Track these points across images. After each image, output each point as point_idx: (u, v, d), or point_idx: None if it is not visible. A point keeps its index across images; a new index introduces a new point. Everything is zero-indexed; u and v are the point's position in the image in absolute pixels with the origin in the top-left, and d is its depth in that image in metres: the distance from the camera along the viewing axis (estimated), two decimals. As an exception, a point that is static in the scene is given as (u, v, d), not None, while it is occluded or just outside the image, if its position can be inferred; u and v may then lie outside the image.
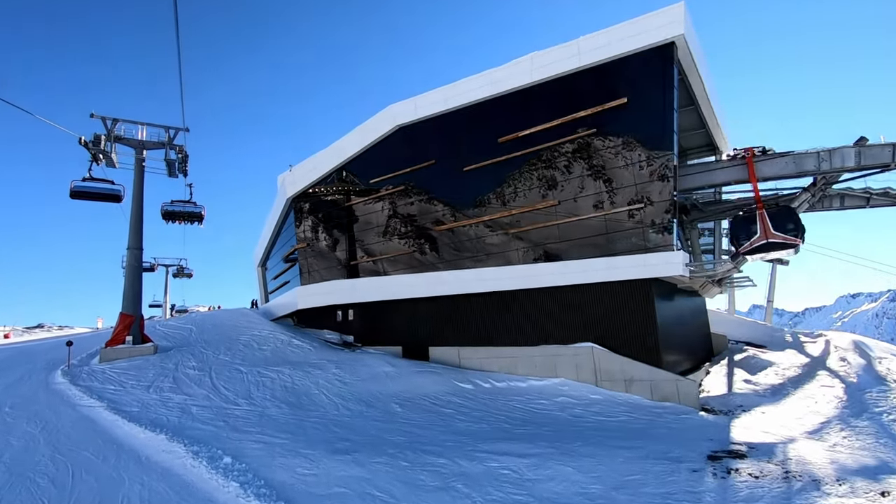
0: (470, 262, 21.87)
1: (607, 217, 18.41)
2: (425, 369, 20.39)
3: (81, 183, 22.64)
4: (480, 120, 21.67)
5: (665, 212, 17.27)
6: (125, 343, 22.78)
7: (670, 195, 17.14)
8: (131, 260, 23.83)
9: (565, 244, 19.35)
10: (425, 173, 23.50)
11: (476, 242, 21.70)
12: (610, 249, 18.36)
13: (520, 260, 20.43)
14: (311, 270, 28.27)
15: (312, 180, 27.56)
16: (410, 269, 23.89)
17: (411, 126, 23.75)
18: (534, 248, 20.22)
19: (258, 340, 25.61)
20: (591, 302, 18.69)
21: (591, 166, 18.89)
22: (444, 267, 22.58)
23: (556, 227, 19.54)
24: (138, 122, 24.77)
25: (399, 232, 24.42)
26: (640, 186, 17.74)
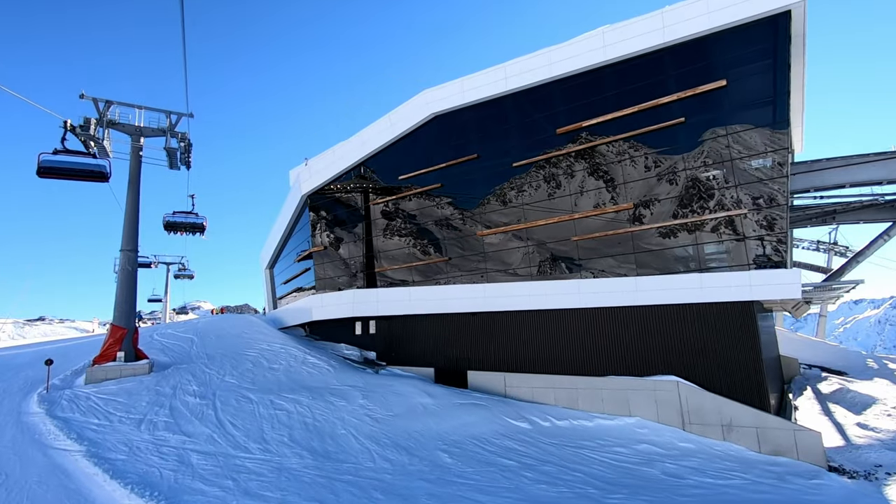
0: (518, 273, 18.70)
1: (696, 225, 15.21)
2: (467, 400, 17.22)
3: (52, 157, 17.43)
4: (534, 108, 18.50)
5: (775, 219, 14.07)
6: (116, 360, 19.68)
7: (784, 198, 13.94)
8: (125, 263, 20.71)
9: (640, 257, 16.15)
10: (466, 169, 20.34)
11: (526, 251, 18.53)
12: (698, 265, 15.17)
13: (580, 274, 17.23)
14: (327, 277, 25.13)
15: (331, 176, 24.42)
16: (445, 280, 20.72)
17: (449, 114, 20.60)
18: (599, 261, 17.02)
19: (268, 356, 22.49)
20: (675, 327, 15.50)
21: (673, 163, 15.70)
22: (487, 278, 19.41)
23: (629, 235, 16.35)
24: (135, 106, 21.66)
25: (433, 237, 21.26)
26: (742, 188, 14.54)
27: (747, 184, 14.46)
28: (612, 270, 16.71)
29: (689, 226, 15.32)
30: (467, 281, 19.98)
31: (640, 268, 16.13)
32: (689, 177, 15.41)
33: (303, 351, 23.06)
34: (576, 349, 17.39)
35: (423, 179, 21.63)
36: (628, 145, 16.56)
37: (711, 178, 15.04)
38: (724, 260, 14.79)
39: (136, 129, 21.44)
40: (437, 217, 21.14)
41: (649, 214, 16.06)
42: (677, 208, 15.61)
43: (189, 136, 22.24)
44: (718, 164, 14.94)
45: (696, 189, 15.30)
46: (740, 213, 14.52)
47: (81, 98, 20.58)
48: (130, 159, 21.30)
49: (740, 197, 14.59)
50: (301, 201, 26.36)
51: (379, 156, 23.07)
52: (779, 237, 13.90)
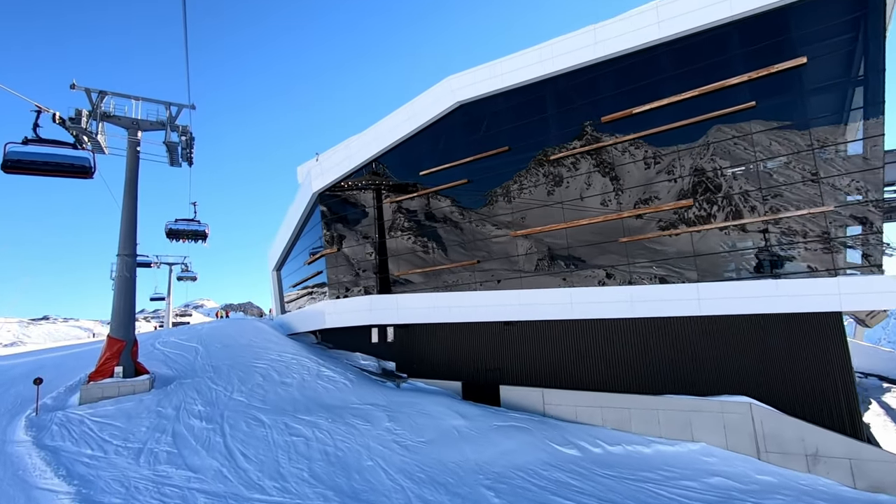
0: (557, 277, 16.83)
1: (770, 225, 13.30)
2: (505, 421, 15.39)
3: (20, 148, 14.66)
4: (576, 93, 16.60)
5: (868, 217, 12.16)
6: (113, 376, 17.92)
7: (879, 192, 12.02)
8: (122, 269, 18.92)
9: (702, 261, 14.25)
10: (495, 163, 18.46)
11: (567, 254, 16.65)
12: (773, 270, 13.27)
13: (632, 279, 15.35)
14: (340, 281, 23.31)
15: (344, 172, 22.56)
16: (472, 285, 18.86)
17: (477, 103, 18.72)
18: (652, 266, 15.13)
19: (279, 368, 20.72)
20: (745, 340, 13.64)
21: (740, 154, 13.79)
22: (522, 283, 17.55)
23: (689, 235, 14.45)
24: (132, 97, 19.80)
25: (459, 238, 19.40)
26: (826, 181, 12.61)
27: (833, 176, 12.54)
28: (667, 277, 14.82)
29: (762, 225, 13.41)
30: (499, 286, 18.11)
31: (702, 274, 14.23)
32: (758, 169, 13.49)
33: (316, 362, 21.29)
34: (626, 363, 15.54)
35: (446, 175, 19.75)
36: (685, 134, 14.64)
37: (788, 168, 13.12)
38: (805, 264, 12.88)
39: (132, 123, 19.61)
40: (463, 216, 19.27)
41: (712, 213, 14.16)
42: (746, 205, 13.70)
43: (191, 129, 20.40)
44: (795, 154, 13.02)
45: (766, 183, 13.39)
46: (825, 211, 12.60)
47: (72, 88, 18.75)
48: (127, 155, 19.48)
49: (823, 191, 12.68)
50: (311, 200, 24.53)
51: (397, 150, 21.21)
52: (873, 238, 11.99)
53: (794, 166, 13.04)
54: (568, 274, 16.57)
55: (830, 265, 12.51)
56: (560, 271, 16.79)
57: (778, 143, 13.29)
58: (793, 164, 13.06)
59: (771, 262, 13.33)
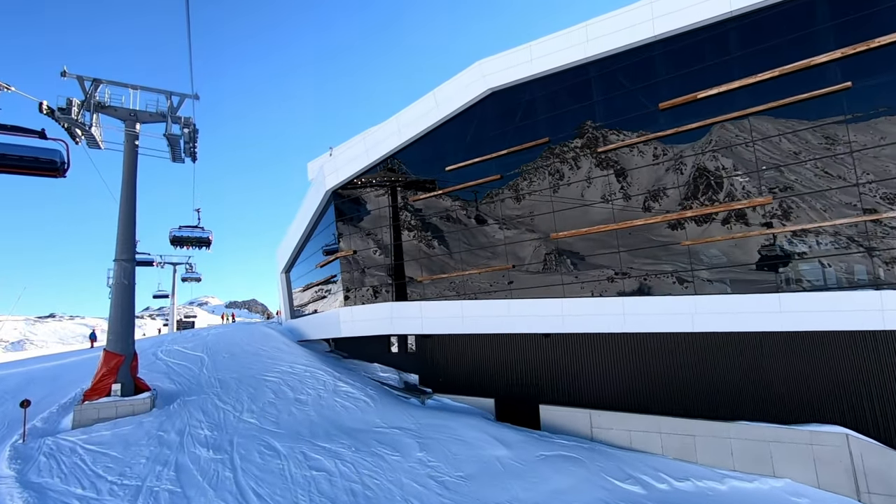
0: (607, 285, 14.96)
1: (871, 226, 11.38)
2: (552, 449, 13.57)
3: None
4: (628, 77, 14.69)
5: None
6: (111, 394, 16.20)
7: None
8: (120, 276, 17.17)
9: (785, 267, 12.35)
10: (532, 156, 16.58)
11: (616, 258, 14.77)
12: (874, 279, 11.35)
13: (694, 288, 13.46)
14: (358, 286, 21.49)
15: (362, 167, 20.72)
16: (504, 293, 17.02)
17: (511, 89, 16.84)
18: (719, 272, 13.24)
19: (291, 382, 18.97)
20: (837, 360, 11.75)
21: (831, 143, 11.85)
22: (564, 291, 15.68)
23: (770, 238, 12.54)
24: (129, 86, 18.00)
25: (490, 239, 17.54)
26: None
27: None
28: (737, 286, 12.93)
29: (861, 226, 11.49)
30: (537, 294, 16.26)
31: (783, 281, 12.33)
32: (857, 160, 11.55)
33: (332, 375, 19.52)
34: (689, 384, 13.69)
35: (475, 171, 17.88)
36: (759, 122, 12.72)
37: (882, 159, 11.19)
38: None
39: (130, 114, 17.81)
40: (495, 215, 17.40)
41: (794, 211, 12.24)
42: (837, 203, 11.78)
43: (194, 121, 18.60)
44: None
45: (866, 176, 11.46)
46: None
47: (63, 76, 16.97)
48: (124, 150, 17.70)
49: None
50: (324, 198, 22.71)
51: (420, 143, 19.35)
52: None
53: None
54: (619, 281, 14.70)
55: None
56: (610, 278, 14.91)
57: (880, 129, 11.35)
58: (890, 157, 11.13)
59: (871, 271, 11.42)
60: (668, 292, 13.85)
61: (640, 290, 14.33)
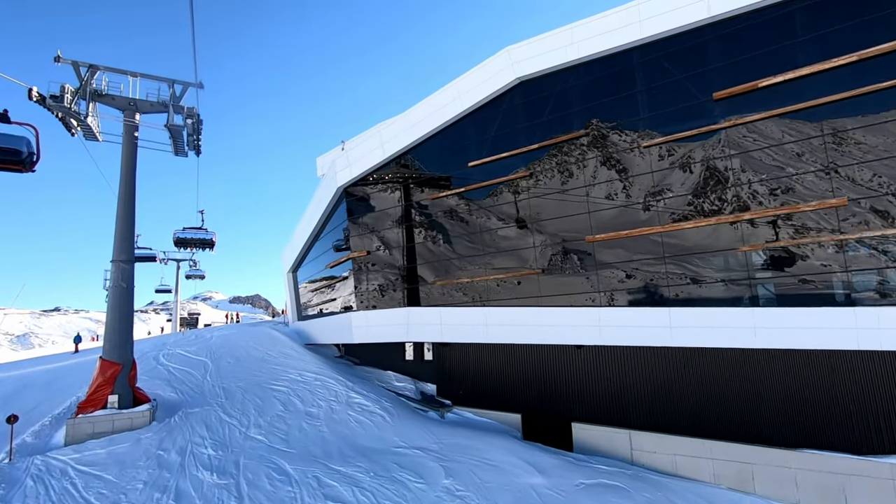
0: (649, 292, 13.59)
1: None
2: (591, 476, 12.23)
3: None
4: (677, 64, 13.26)
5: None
6: (107, 406, 14.99)
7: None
8: (118, 278, 15.93)
9: (861, 276, 10.94)
10: (566, 151, 15.19)
11: (662, 265, 13.38)
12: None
13: (756, 299, 12.06)
14: (371, 289, 20.18)
15: (376, 162, 19.36)
16: (532, 299, 15.66)
17: (542, 78, 15.47)
18: (787, 282, 11.83)
19: (301, 393, 17.72)
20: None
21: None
22: (600, 299, 14.32)
23: (848, 244, 11.13)
24: (128, 72, 16.71)
25: (517, 241, 16.18)
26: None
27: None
28: (806, 298, 11.52)
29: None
30: (568, 301, 14.89)
31: (860, 293, 10.92)
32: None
33: (344, 385, 18.26)
34: (745, 405, 12.32)
35: (501, 167, 16.52)
36: (831, 113, 11.28)
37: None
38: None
39: (129, 103, 16.53)
40: (522, 215, 16.03)
41: (879, 212, 10.83)
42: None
43: (198, 111, 17.30)
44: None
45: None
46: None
47: (57, 62, 15.69)
48: (123, 142, 16.42)
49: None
50: (335, 195, 21.38)
51: (440, 137, 17.98)
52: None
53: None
54: (664, 289, 13.31)
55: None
56: (652, 285, 13.53)
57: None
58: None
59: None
60: (719, 302, 12.45)
61: (688, 299, 12.93)
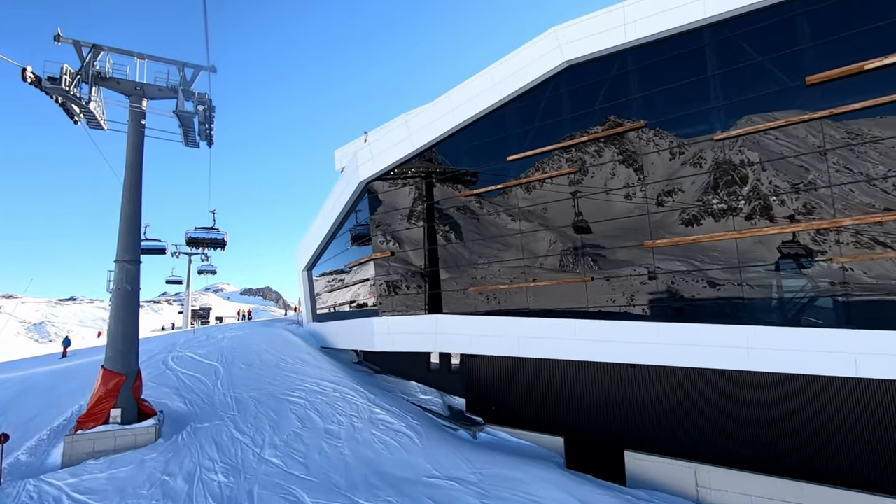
0: (720, 306, 11.86)
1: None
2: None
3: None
4: (756, 44, 11.44)
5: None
6: (109, 421, 13.64)
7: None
8: (122, 280, 14.55)
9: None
10: (619, 144, 13.46)
11: (736, 275, 11.63)
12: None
13: (863, 319, 10.29)
14: (394, 293, 18.65)
15: (403, 155, 17.77)
16: (581, 310, 14.00)
17: (593, 62, 13.72)
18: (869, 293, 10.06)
19: (319, 406, 16.29)
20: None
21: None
22: (658, 312, 12.62)
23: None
24: (135, 54, 15.27)
25: (562, 245, 14.51)
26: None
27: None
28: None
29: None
30: (619, 314, 13.22)
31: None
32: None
33: (365, 397, 16.78)
34: (847, 442, 10.59)
35: (548, 159, 14.82)
36: None
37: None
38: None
39: (135, 87, 15.08)
40: (569, 217, 14.34)
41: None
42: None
43: (211, 97, 15.82)
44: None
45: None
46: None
47: (57, 41, 14.28)
48: (129, 130, 14.98)
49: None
50: (356, 190, 19.83)
51: (474, 128, 16.34)
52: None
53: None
54: (738, 304, 11.58)
55: None
56: (723, 298, 11.80)
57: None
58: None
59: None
60: (810, 322, 10.70)
61: (768, 316, 11.19)
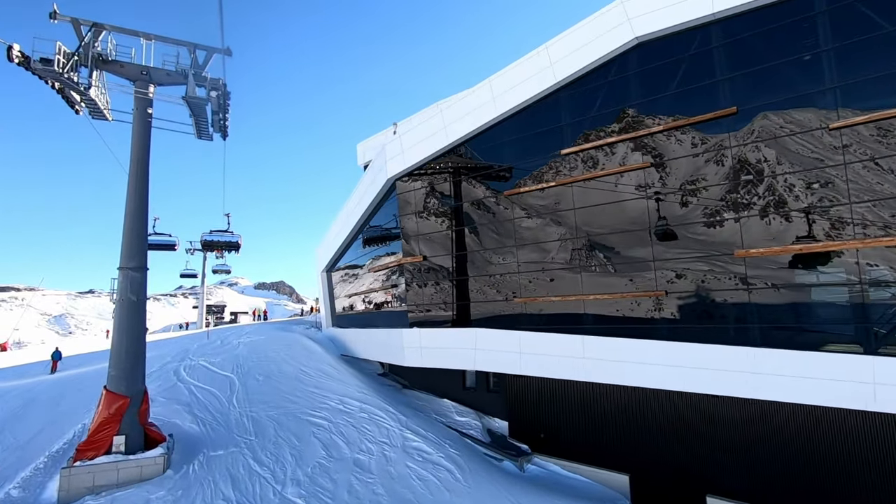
0: (832, 326, 9.81)
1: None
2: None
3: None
4: (881, 13, 9.29)
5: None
6: (112, 451, 12.05)
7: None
8: (126, 290, 12.89)
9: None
10: (703, 133, 11.40)
11: (857, 291, 9.56)
12: None
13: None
14: (427, 302, 16.83)
15: (437, 149, 15.89)
16: (654, 328, 12.02)
17: (669, 38, 11.63)
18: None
19: (346, 429, 14.58)
20: None
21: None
22: (752, 335, 10.59)
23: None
24: (140, 34, 13.54)
25: (630, 253, 12.52)
26: None
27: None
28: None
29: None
30: (701, 335, 11.22)
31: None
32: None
33: (396, 419, 15.04)
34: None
35: (614, 152, 12.82)
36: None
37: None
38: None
39: (141, 72, 13.37)
40: (640, 221, 12.32)
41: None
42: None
43: (226, 83, 14.07)
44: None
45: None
46: None
47: (53, 19, 12.61)
48: (134, 120, 13.27)
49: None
50: (384, 188, 18.02)
51: (520, 117, 14.38)
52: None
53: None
54: (861, 329, 9.52)
55: None
56: (840, 321, 9.75)
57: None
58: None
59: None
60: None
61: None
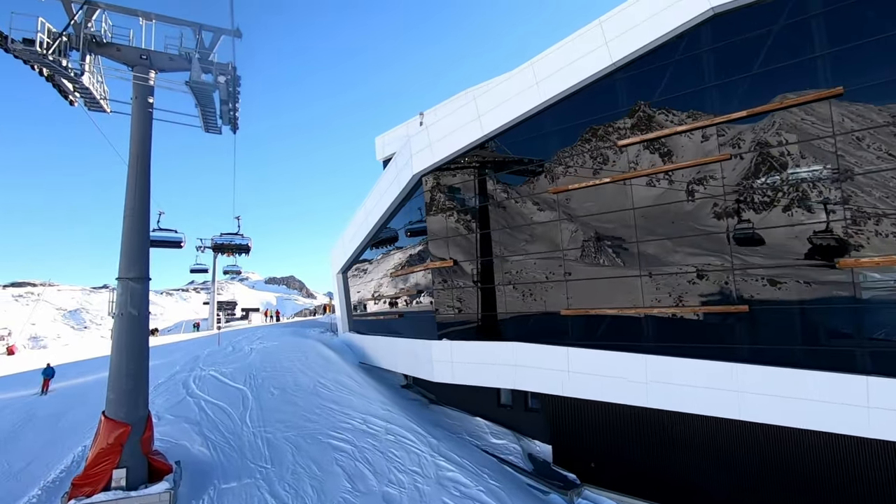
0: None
1: None
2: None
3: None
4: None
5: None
6: (111, 486, 10.62)
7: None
8: (126, 304, 11.39)
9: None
10: (798, 118, 9.59)
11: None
12: None
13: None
14: (457, 311, 15.20)
15: (472, 140, 14.20)
16: (730, 349, 10.29)
17: (752, 8, 9.83)
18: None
19: (371, 456, 13.05)
20: None
21: None
22: (860, 361, 8.83)
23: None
24: (139, 13, 11.98)
25: (703, 262, 10.77)
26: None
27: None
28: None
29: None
30: (800, 358, 9.47)
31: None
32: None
33: (426, 442, 13.50)
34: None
35: (676, 145, 11.06)
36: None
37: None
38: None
39: (140, 56, 11.81)
40: (713, 223, 10.56)
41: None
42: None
43: (235, 67, 12.47)
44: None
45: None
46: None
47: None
48: (133, 110, 11.73)
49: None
50: (409, 184, 16.40)
51: (567, 104, 12.63)
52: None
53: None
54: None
55: None
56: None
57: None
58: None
59: None
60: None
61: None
